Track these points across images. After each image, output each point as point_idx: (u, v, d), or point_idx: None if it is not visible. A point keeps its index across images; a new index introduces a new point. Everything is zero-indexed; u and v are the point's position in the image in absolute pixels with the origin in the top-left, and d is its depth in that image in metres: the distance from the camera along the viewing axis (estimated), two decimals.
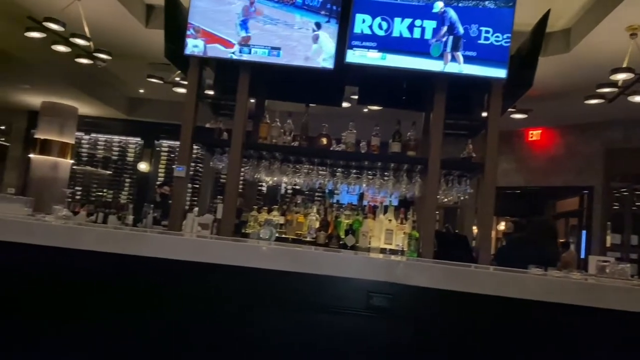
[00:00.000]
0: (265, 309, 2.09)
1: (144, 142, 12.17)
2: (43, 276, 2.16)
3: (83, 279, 2.15)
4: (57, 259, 2.09)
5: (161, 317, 2.12)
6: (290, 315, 2.06)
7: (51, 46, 6.28)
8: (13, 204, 2.83)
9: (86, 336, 2.12)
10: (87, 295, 2.15)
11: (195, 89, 4.10)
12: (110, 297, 2.15)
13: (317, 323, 2.03)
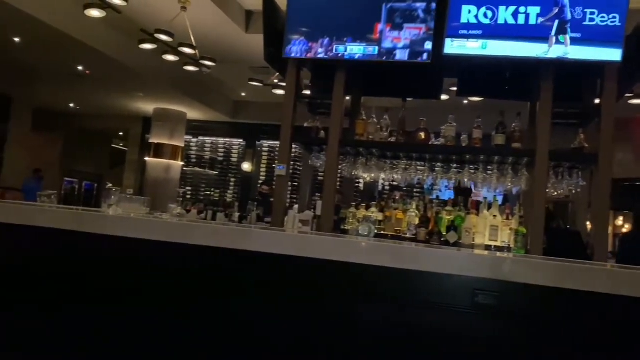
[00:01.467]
0: (365, 304, 2.10)
1: (246, 143, 12.71)
2: (160, 270, 2.34)
3: (197, 273, 2.30)
4: (173, 254, 2.26)
5: (265, 310, 2.21)
6: (391, 311, 2.06)
7: (162, 56, 6.76)
8: (133, 203, 3.07)
9: (195, 325, 2.26)
10: (200, 287, 2.29)
11: (293, 89, 4.20)
12: (219, 289, 2.27)
13: (419, 320, 2.01)
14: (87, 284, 2.43)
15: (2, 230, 2.48)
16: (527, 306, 1.88)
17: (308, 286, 2.20)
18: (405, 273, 1.95)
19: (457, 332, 1.95)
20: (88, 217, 2.38)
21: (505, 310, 1.87)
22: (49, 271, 2.48)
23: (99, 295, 2.40)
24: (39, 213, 2.44)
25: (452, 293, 1.97)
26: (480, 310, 1.90)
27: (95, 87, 10.33)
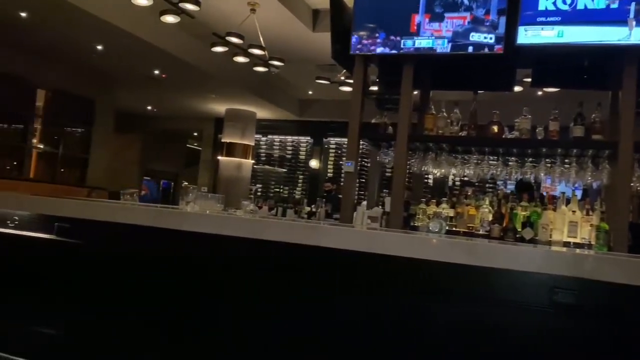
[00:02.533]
0: (437, 302, 2.08)
1: (313, 140, 12.85)
2: (236, 265, 2.43)
3: (270, 268, 2.37)
4: (247, 249, 2.34)
5: (335, 305, 2.24)
6: (465, 309, 2.02)
7: (232, 58, 6.97)
8: (209, 201, 3.19)
9: (267, 319, 2.33)
10: (273, 281, 2.36)
11: (360, 86, 4.21)
12: (291, 284, 2.33)
13: (494, 319, 1.96)
14: (166, 278, 2.56)
15: (91, 227, 2.67)
16: (610, 305, 1.79)
17: (378, 283, 2.21)
18: (479, 270, 1.91)
19: (534, 332, 1.89)
20: (167, 214, 2.51)
21: (586, 309, 1.79)
22: (132, 265, 2.64)
23: (177, 289, 2.53)
24: (123, 210, 2.60)
25: (529, 291, 1.91)
26: (559, 309, 1.83)
27: (171, 90, 10.81)
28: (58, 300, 2.80)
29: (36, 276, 2.89)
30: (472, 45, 3.72)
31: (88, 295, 2.73)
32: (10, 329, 2.84)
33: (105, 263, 2.71)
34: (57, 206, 2.76)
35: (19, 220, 2.94)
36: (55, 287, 2.82)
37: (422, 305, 2.10)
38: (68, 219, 2.74)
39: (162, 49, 7.86)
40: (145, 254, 2.62)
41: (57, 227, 2.80)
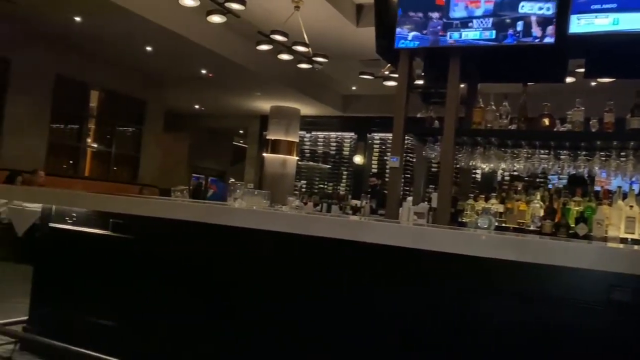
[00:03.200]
0: (485, 299, 2.04)
1: (357, 136, 12.81)
2: (282, 259, 2.47)
3: (316, 263, 2.38)
4: (293, 244, 2.36)
5: (380, 301, 2.23)
6: (515, 307, 1.98)
7: (277, 56, 7.03)
8: (255, 197, 3.24)
9: (313, 313, 2.35)
10: (320, 276, 2.38)
11: (405, 80, 4.16)
12: (337, 279, 2.34)
13: (546, 316, 1.91)
14: (215, 272, 2.62)
15: (143, 222, 2.76)
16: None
17: (424, 279, 2.19)
18: (530, 267, 1.86)
19: (589, 330, 1.83)
20: (216, 210, 2.56)
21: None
22: (182, 259, 2.72)
23: (225, 283, 2.59)
24: (174, 207, 2.68)
25: (583, 288, 1.85)
26: (616, 308, 1.77)
27: (217, 89, 11.02)
28: (113, 293, 2.92)
29: (93, 270, 3.02)
30: (522, 35, 3.61)
31: (141, 288, 2.83)
32: (71, 320, 2.99)
33: (156, 257, 2.80)
34: (112, 203, 2.88)
35: (77, 217, 3.08)
36: (110, 281, 2.94)
37: (471, 303, 2.07)
38: (122, 215, 2.85)
39: (208, 48, 8.02)
40: (195, 248, 2.69)
41: (112, 223, 2.92)
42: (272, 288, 2.47)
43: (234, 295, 2.57)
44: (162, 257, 2.79)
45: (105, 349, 2.70)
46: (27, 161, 7.94)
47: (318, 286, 2.37)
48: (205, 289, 2.65)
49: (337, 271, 2.35)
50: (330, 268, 2.36)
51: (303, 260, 2.42)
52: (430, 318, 2.14)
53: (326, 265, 2.37)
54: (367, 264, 2.28)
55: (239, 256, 2.58)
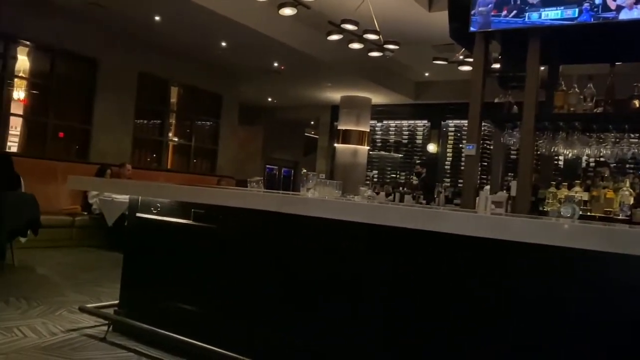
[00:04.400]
0: (569, 291, 1.95)
1: (431, 124, 12.56)
2: (355, 250, 2.48)
3: (389, 253, 2.38)
4: (365, 234, 2.37)
5: (457, 292, 2.19)
6: (602, 299, 1.88)
7: (348, 45, 7.02)
8: (327, 187, 3.26)
9: (384, 303, 2.34)
10: (391, 267, 2.37)
11: (481, 64, 4.02)
12: (411, 270, 2.32)
13: (637, 309, 1.80)
14: (291, 259, 2.68)
15: (223, 212, 2.87)
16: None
17: (504, 270, 2.12)
18: (619, 258, 1.75)
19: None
20: (291, 200, 2.62)
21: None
22: (259, 247, 2.80)
23: (301, 271, 2.64)
24: (251, 197, 2.76)
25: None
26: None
27: (289, 81, 11.18)
28: (195, 279, 3.06)
29: (176, 257, 3.18)
30: (607, 12, 3.38)
31: (220, 274, 2.95)
32: (157, 304, 3.17)
33: (235, 245, 2.91)
34: (193, 194, 3.01)
35: (161, 207, 3.25)
36: (192, 267, 3.09)
37: (554, 294, 1.98)
38: (203, 206, 2.98)
39: (280, 41, 8.15)
40: (270, 237, 2.77)
41: (193, 213, 3.06)
42: (344, 277, 2.50)
43: (306, 282, 2.62)
44: (240, 245, 2.89)
45: (188, 332, 2.85)
46: (115, 155, 8.46)
47: (390, 277, 2.37)
48: (280, 276, 2.72)
49: (410, 262, 2.33)
50: (402, 258, 2.35)
51: (375, 250, 2.42)
52: (510, 310, 2.08)
53: (398, 255, 2.36)
54: (441, 255, 2.25)
55: (312, 245, 2.62)
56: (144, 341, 3.07)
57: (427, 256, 2.29)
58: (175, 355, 2.89)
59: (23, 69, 7.95)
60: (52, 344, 3.02)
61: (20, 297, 4.00)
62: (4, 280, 4.82)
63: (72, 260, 6.08)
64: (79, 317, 3.53)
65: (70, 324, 3.41)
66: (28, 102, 7.99)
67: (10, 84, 7.69)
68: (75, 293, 4.32)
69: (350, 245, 2.49)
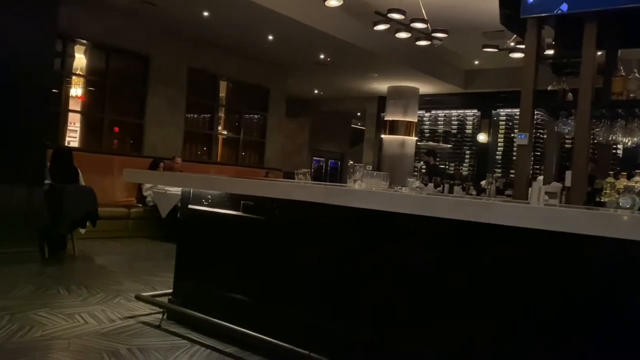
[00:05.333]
0: (632, 284, 1.87)
1: (481, 113, 12.25)
2: (401, 242, 2.46)
3: (438, 245, 2.35)
4: (414, 226, 2.35)
5: (509, 286, 2.14)
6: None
7: (394, 35, 6.93)
8: (374, 178, 3.25)
9: (433, 296, 2.32)
10: (440, 259, 2.34)
11: (534, 50, 3.90)
12: (462, 262, 2.28)
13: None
14: (336, 251, 2.69)
15: (271, 204, 2.91)
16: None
17: (558, 263, 2.06)
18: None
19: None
20: (337, 191, 2.63)
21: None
22: (307, 238, 2.83)
23: (346, 262, 2.65)
24: (299, 189, 2.78)
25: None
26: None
27: (335, 73, 11.16)
28: (244, 269, 3.13)
29: (227, 248, 3.26)
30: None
31: (269, 265, 3.00)
32: (209, 293, 3.26)
33: (283, 236, 2.95)
34: (242, 186, 3.07)
35: (212, 199, 3.33)
36: (242, 258, 3.15)
37: (615, 288, 1.91)
38: (252, 197, 3.03)
39: (326, 33, 8.14)
40: (318, 228, 2.79)
41: (243, 205, 3.12)
42: (391, 269, 2.49)
43: (353, 273, 2.63)
44: (288, 236, 2.93)
45: (239, 320, 2.92)
46: (167, 149, 8.72)
47: (438, 267, 2.34)
48: (327, 267, 2.74)
49: (458, 254, 2.29)
50: (450, 251, 2.32)
51: (423, 241, 2.40)
52: (566, 304, 2.02)
53: (446, 248, 2.33)
54: (493, 247, 2.20)
55: (358, 236, 2.62)
56: (197, 329, 3.17)
57: (476, 249, 2.25)
58: (227, 343, 2.98)
59: (80, 67, 8.29)
60: (111, 330, 3.16)
61: (81, 285, 4.21)
62: (66, 269, 5.08)
63: (128, 250, 6.33)
64: (135, 305, 3.68)
65: (127, 312, 3.56)
66: (85, 98, 8.34)
67: (69, 81, 8.05)
68: (131, 282, 4.50)
69: (397, 237, 2.48)
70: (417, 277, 2.41)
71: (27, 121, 4.92)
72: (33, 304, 3.58)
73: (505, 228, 1.96)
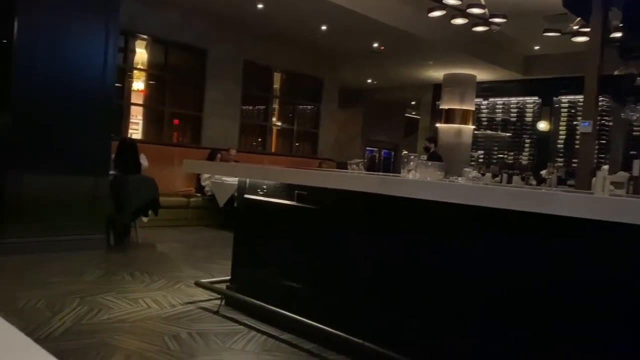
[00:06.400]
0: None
1: (541, 100, 11.79)
2: (458, 232, 2.42)
3: (495, 236, 2.30)
4: (471, 217, 2.30)
5: (574, 280, 2.07)
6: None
7: (450, 21, 6.77)
8: (429, 168, 3.21)
9: (487, 288, 2.26)
10: (498, 250, 2.29)
11: (599, 34, 3.71)
12: (520, 254, 2.22)
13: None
14: (389, 241, 2.68)
15: (325, 194, 2.93)
16: None
17: (625, 256, 1.97)
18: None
19: None
20: (391, 181, 2.61)
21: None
22: (360, 228, 2.83)
23: (405, 253, 2.63)
24: (352, 179, 2.79)
25: None
26: None
27: (389, 62, 11.03)
28: (299, 258, 3.17)
29: (282, 237, 3.31)
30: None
31: (322, 254, 3.03)
32: (264, 281, 3.34)
33: (337, 226, 2.97)
34: (297, 176, 3.11)
35: (267, 189, 3.39)
36: (296, 247, 3.20)
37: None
38: (306, 187, 3.07)
39: (380, 21, 8.05)
40: (372, 218, 2.79)
41: (297, 195, 3.16)
42: (447, 260, 2.46)
43: (407, 263, 2.62)
44: (341, 226, 2.95)
45: (294, 308, 2.97)
46: (224, 140, 8.94)
47: (496, 259, 2.29)
48: (382, 257, 2.73)
49: (519, 244, 2.23)
50: (509, 241, 2.26)
51: (480, 232, 2.35)
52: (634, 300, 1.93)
53: (504, 238, 2.27)
54: (554, 239, 2.13)
55: (412, 227, 2.60)
56: (253, 315, 3.25)
57: (535, 240, 2.19)
58: (282, 330, 3.04)
59: (142, 61, 8.61)
60: (172, 314, 3.30)
61: (144, 272, 4.40)
62: (130, 256, 5.33)
63: (188, 238, 6.56)
64: (194, 291, 3.82)
65: (187, 297, 3.70)
66: (147, 92, 8.66)
67: (131, 75, 8.37)
68: (190, 269, 4.67)
69: (452, 228, 2.44)
70: (471, 269, 2.37)
71: (92, 115, 5.17)
72: (101, 288, 3.79)
73: (566, 220, 1.89)
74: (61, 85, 4.97)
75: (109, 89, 5.36)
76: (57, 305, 3.29)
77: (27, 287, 3.66)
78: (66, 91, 5.00)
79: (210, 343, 2.83)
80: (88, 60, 5.14)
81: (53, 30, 4.93)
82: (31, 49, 4.80)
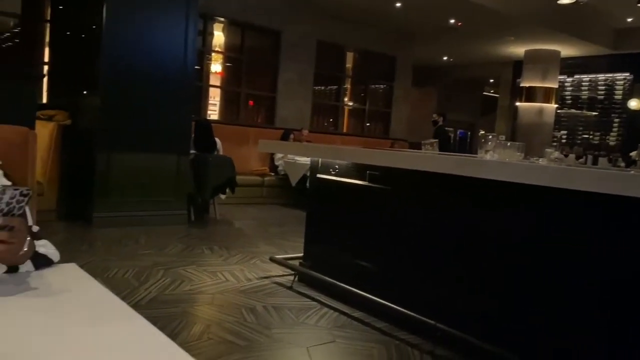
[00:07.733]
0: None
1: (633, 77, 10.96)
2: (536, 214, 2.34)
3: (576, 220, 2.20)
4: (553, 199, 2.21)
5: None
6: None
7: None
8: (507, 149, 3.10)
9: (566, 272, 2.17)
10: (579, 234, 2.19)
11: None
12: (604, 240, 2.12)
13: None
14: (461, 222, 2.63)
15: (397, 174, 2.92)
16: None
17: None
18: None
19: None
20: (467, 162, 2.55)
21: None
22: (432, 210, 2.80)
23: (472, 235, 2.58)
24: (425, 159, 2.75)
25: None
26: None
27: (466, 38, 10.64)
28: (370, 237, 3.19)
29: (353, 216, 3.34)
30: None
31: (394, 234, 3.03)
32: (335, 259, 3.39)
33: (409, 207, 2.95)
34: (368, 156, 3.11)
35: (339, 169, 3.42)
36: (368, 226, 3.22)
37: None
38: (378, 167, 3.07)
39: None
40: (445, 200, 2.75)
41: (368, 175, 3.17)
42: (522, 243, 2.38)
43: (481, 246, 2.56)
44: (414, 207, 2.93)
45: (365, 287, 3.00)
46: (296, 120, 9.06)
47: (575, 245, 2.19)
48: (455, 238, 2.69)
49: (600, 230, 2.12)
50: (593, 225, 2.15)
51: (560, 215, 2.26)
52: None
53: (587, 222, 2.17)
54: None
55: (488, 209, 2.54)
56: (325, 292, 3.32)
57: (621, 226, 2.07)
58: (354, 308, 3.09)
59: (219, 44, 8.86)
60: (249, 288, 3.44)
61: (222, 247, 4.60)
62: (209, 231, 5.58)
63: (263, 215, 6.76)
64: (269, 267, 3.95)
65: (262, 272, 3.84)
66: (224, 74, 8.92)
67: (209, 58, 8.65)
68: (265, 245, 4.82)
69: (530, 212, 2.36)
70: (547, 253, 2.28)
71: (175, 96, 5.41)
72: (183, 261, 4.01)
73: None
74: (145, 69, 5.23)
75: (189, 71, 5.57)
76: (144, 275, 3.53)
77: (118, 258, 3.94)
78: (150, 74, 5.26)
79: (285, 317, 2.93)
80: (170, 44, 5.37)
81: (138, 15, 5.18)
82: (118, 34, 5.09)
